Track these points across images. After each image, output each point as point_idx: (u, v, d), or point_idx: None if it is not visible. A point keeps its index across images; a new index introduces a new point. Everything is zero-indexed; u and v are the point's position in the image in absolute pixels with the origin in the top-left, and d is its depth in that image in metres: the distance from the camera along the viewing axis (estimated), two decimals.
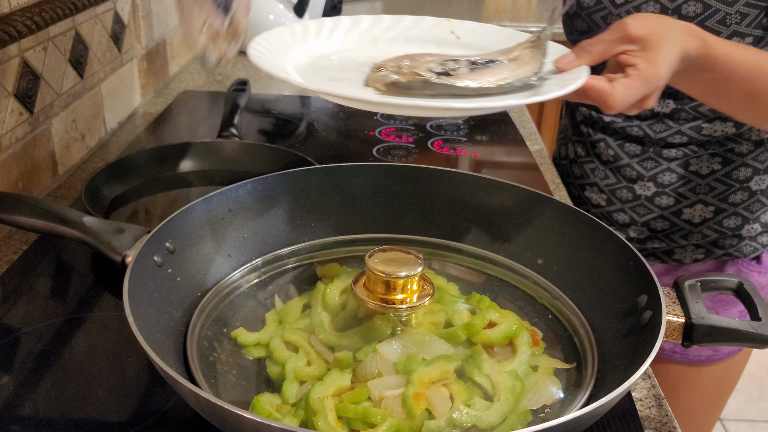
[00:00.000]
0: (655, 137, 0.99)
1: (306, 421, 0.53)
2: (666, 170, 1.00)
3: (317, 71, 0.65)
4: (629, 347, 0.57)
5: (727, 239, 1.03)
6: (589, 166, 1.08)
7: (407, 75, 0.60)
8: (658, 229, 1.04)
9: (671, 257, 1.06)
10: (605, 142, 1.04)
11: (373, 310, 0.60)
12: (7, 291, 0.76)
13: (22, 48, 0.90)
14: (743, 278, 0.60)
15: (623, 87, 0.64)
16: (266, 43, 0.65)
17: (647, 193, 1.02)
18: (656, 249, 1.06)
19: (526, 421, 0.55)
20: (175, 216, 0.64)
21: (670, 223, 1.03)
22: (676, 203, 1.01)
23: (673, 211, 1.02)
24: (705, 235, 1.03)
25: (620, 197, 1.05)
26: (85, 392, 0.62)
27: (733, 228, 1.02)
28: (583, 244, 0.68)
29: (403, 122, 1.32)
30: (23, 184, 0.93)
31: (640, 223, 1.05)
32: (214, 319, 0.64)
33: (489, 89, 0.60)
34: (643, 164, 1.01)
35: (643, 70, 0.65)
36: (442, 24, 0.76)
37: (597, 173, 1.07)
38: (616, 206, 1.05)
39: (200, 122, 1.28)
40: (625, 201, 1.04)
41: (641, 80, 0.65)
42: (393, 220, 0.76)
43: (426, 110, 0.64)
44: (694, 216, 1.01)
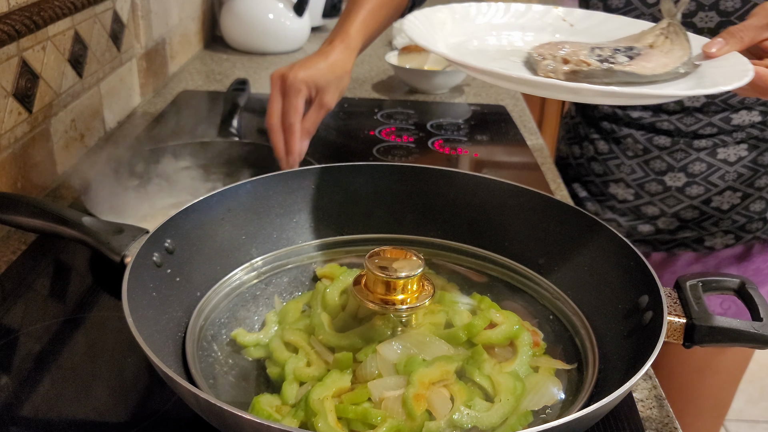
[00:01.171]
0: (686, 130, 1.01)
1: (306, 422, 0.53)
2: (696, 160, 1.02)
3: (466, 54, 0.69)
4: (630, 348, 0.57)
5: (754, 223, 1.05)
6: (613, 162, 1.08)
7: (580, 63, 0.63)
8: (688, 218, 1.06)
9: (702, 245, 1.08)
10: (633, 137, 1.05)
11: (373, 311, 0.60)
12: (7, 291, 0.76)
13: (21, 47, 0.89)
14: (745, 278, 0.60)
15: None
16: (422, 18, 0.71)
17: (678, 183, 1.04)
18: (686, 238, 1.08)
19: (527, 421, 0.54)
20: (174, 216, 0.64)
21: (700, 211, 1.05)
22: (705, 192, 1.03)
23: (703, 200, 1.04)
24: (734, 221, 1.05)
25: (649, 190, 1.06)
26: (85, 392, 0.62)
27: (759, 212, 1.05)
28: (584, 244, 0.67)
29: (403, 122, 1.31)
30: (22, 184, 0.93)
31: (669, 214, 1.06)
32: (213, 320, 0.64)
33: (659, 76, 0.63)
34: (673, 155, 1.03)
35: None
36: (550, 11, 0.79)
37: (623, 168, 1.07)
38: (645, 199, 1.07)
39: (200, 122, 1.28)
40: (655, 194, 1.06)
41: None
42: (393, 220, 0.76)
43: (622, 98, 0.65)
44: (723, 203, 1.04)
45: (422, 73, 1.50)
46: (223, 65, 1.67)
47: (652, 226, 1.08)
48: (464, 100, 1.49)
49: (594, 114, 1.11)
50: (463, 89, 1.55)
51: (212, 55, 1.76)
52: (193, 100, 1.41)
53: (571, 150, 1.18)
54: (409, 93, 1.51)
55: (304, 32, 1.80)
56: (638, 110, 1.04)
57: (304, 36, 1.81)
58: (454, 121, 1.33)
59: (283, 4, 1.73)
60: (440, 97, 1.49)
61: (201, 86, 1.52)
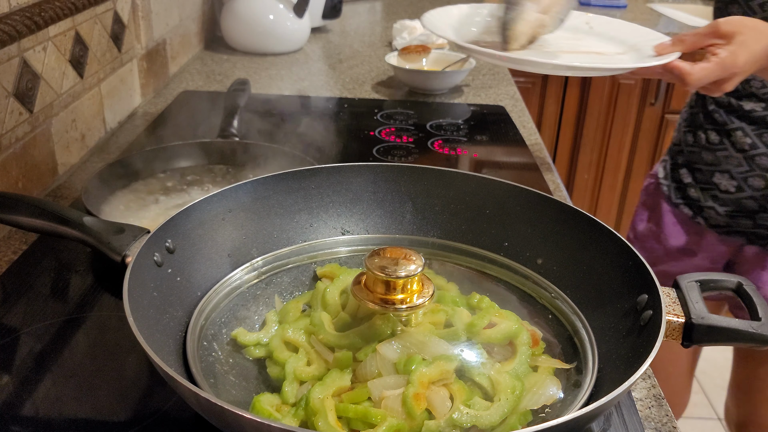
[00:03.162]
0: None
1: (306, 421, 0.53)
2: None
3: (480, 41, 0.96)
4: (629, 347, 0.57)
5: None
6: (722, 153, 1.12)
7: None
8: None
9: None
10: (743, 130, 1.09)
11: (373, 310, 0.60)
12: (7, 291, 0.76)
13: (21, 48, 0.90)
14: (743, 278, 0.60)
15: (701, 69, 0.81)
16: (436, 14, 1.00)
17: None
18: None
19: (526, 421, 0.55)
20: (175, 216, 0.64)
21: None
22: None
23: None
24: None
25: (752, 185, 1.10)
26: (86, 392, 0.62)
27: None
28: (583, 243, 0.68)
29: (403, 122, 1.32)
30: (23, 184, 0.93)
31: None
32: (214, 319, 0.64)
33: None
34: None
35: (722, 58, 0.81)
36: (581, 17, 1.04)
37: (730, 161, 1.11)
38: (747, 193, 1.10)
39: (200, 122, 1.28)
40: (757, 189, 1.09)
41: (718, 66, 0.81)
42: (393, 220, 0.76)
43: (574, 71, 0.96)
44: None
45: (422, 73, 1.50)
46: (223, 66, 1.68)
47: (751, 220, 1.12)
48: (464, 100, 1.49)
49: (709, 104, 1.16)
50: (462, 90, 1.56)
51: (212, 55, 1.76)
52: (194, 101, 1.41)
53: (685, 138, 1.22)
54: (408, 93, 1.52)
55: (304, 33, 1.80)
56: (752, 101, 1.07)
57: (304, 37, 1.81)
58: (453, 122, 1.34)
59: (283, 5, 1.73)
60: (440, 98, 1.49)
61: (201, 86, 1.52)
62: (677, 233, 1.22)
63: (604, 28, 1.01)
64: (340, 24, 2.14)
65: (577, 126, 2.40)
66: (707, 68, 0.81)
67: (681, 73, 0.82)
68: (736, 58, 0.81)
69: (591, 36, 1.01)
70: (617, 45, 0.98)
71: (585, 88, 2.33)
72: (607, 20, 1.02)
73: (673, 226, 1.23)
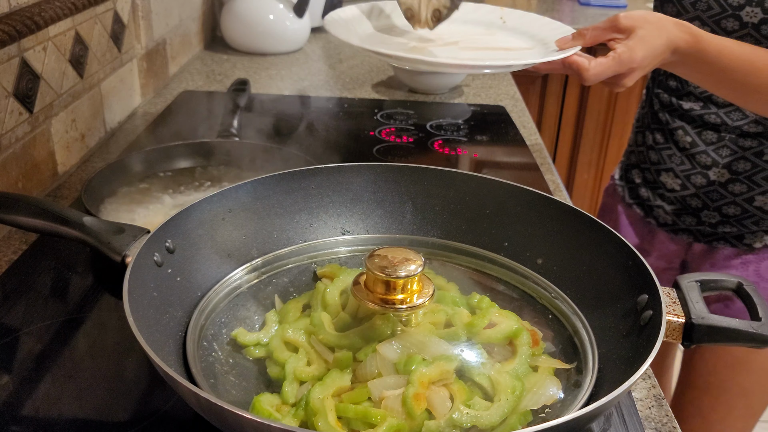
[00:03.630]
0: (732, 125, 1.04)
1: (306, 421, 0.53)
2: (741, 158, 1.05)
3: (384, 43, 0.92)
4: (629, 347, 0.57)
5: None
6: (666, 152, 1.13)
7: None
8: (730, 214, 1.09)
9: (741, 242, 1.10)
10: (684, 129, 1.10)
11: (373, 310, 0.60)
12: (8, 290, 0.76)
13: (21, 48, 0.90)
14: (743, 278, 0.60)
15: (598, 64, 0.81)
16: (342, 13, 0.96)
17: (721, 179, 1.07)
18: (727, 233, 1.11)
19: (527, 421, 0.54)
20: (175, 216, 0.64)
21: (742, 209, 1.08)
22: (748, 190, 1.06)
23: (745, 198, 1.07)
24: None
25: (694, 183, 1.10)
26: (86, 392, 0.62)
27: None
28: (583, 243, 0.68)
29: (403, 122, 1.32)
30: (23, 184, 0.93)
31: (712, 208, 1.10)
32: (214, 319, 0.64)
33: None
34: (719, 152, 1.07)
35: (619, 53, 0.80)
36: (495, 11, 1.01)
37: (674, 159, 1.12)
38: (690, 191, 1.11)
39: (200, 122, 1.28)
40: (699, 186, 1.10)
41: (615, 61, 0.80)
42: (393, 220, 0.76)
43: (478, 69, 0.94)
44: (766, 203, 1.06)
45: (422, 73, 1.50)
46: (223, 66, 1.68)
47: (695, 218, 1.12)
48: (464, 100, 1.49)
49: (655, 105, 1.17)
50: (462, 90, 1.56)
51: (213, 55, 1.76)
52: (194, 101, 1.41)
53: (636, 138, 1.23)
54: (409, 93, 1.52)
55: (304, 33, 1.80)
56: (690, 101, 1.08)
57: (304, 36, 1.81)
58: (453, 122, 1.34)
59: (283, 5, 1.73)
60: (440, 98, 1.49)
61: (201, 86, 1.52)
62: (632, 234, 1.24)
63: (517, 23, 0.99)
64: None
65: (577, 126, 2.40)
66: (604, 63, 0.80)
67: (578, 68, 0.81)
68: (633, 54, 0.80)
69: (504, 31, 0.99)
70: (527, 40, 0.96)
71: (585, 88, 2.33)
72: (520, 14, 1.00)
73: (627, 227, 1.25)
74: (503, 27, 0.99)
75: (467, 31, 0.97)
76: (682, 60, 0.85)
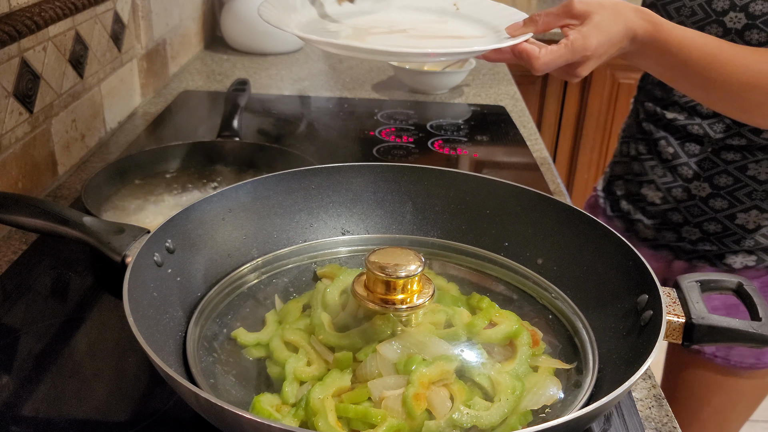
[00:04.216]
0: (715, 137, 1.00)
1: (306, 421, 0.53)
2: (723, 172, 1.00)
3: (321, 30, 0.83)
4: (629, 347, 0.57)
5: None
6: (649, 163, 1.09)
7: None
8: (711, 231, 1.04)
9: (722, 261, 1.05)
10: (666, 140, 1.05)
11: (373, 310, 0.60)
12: (8, 291, 0.76)
13: (21, 48, 0.90)
14: (743, 278, 0.60)
15: (548, 52, 0.75)
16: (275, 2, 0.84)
17: (702, 194, 1.02)
18: (707, 252, 1.05)
19: (527, 421, 0.54)
20: (175, 216, 0.64)
21: (723, 226, 1.02)
22: (730, 207, 1.01)
23: (726, 215, 1.01)
24: (758, 243, 1.01)
25: (675, 196, 1.05)
26: (86, 392, 0.62)
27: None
28: (583, 244, 0.68)
29: (403, 122, 1.32)
30: (23, 184, 0.93)
31: (693, 224, 1.05)
32: (214, 319, 0.64)
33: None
34: (701, 164, 1.01)
35: (571, 41, 0.75)
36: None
37: (656, 171, 1.07)
38: (671, 204, 1.06)
39: (200, 122, 1.28)
40: (680, 200, 1.05)
41: (567, 49, 0.75)
42: (393, 220, 0.76)
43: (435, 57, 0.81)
44: (749, 222, 1.01)
45: (422, 73, 1.50)
46: (223, 66, 1.68)
47: (675, 233, 1.07)
48: (464, 100, 1.49)
49: (640, 114, 1.12)
50: (462, 90, 1.56)
51: (213, 55, 1.76)
52: (194, 101, 1.41)
53: (621, 148, 1.19)
54: (409, 93, 1.52)
55: None
56: (674, 111, 1.04)
57: None
58: (453, 122, 1.34)
59: None
60: (440, 98, 1.49)
61: (201, 86, 1.52)
62: None
63: (471, 10, 0.92)
64: None
65: (577, 126, 2.40)
66: (555, 51, 0.75)
67: (528, 56, 0.76)
68: (586, 41, 0.75)
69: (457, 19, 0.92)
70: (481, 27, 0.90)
71: (585, 88, 2.33)
72: (475, 1, 0.93)
73: None
74: (456, 14, 0.93)
75: (418, 18, 0.91)
76: (641, 50, 0.80)
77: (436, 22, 0.92)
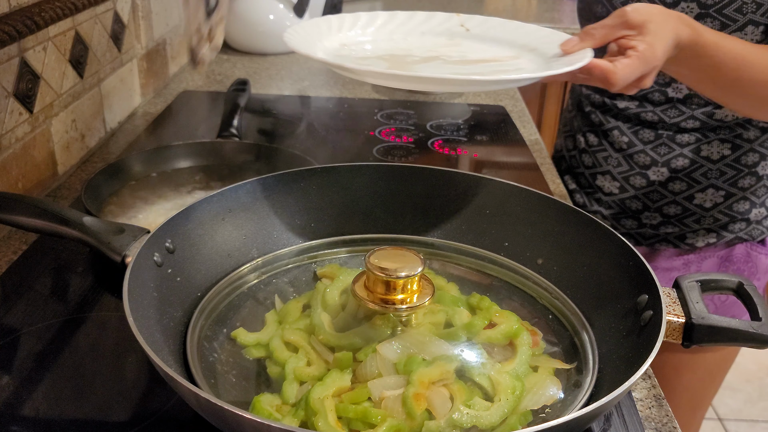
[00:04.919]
0: (669, 122, 1.03)
1: (306, 421, 0.53)
2: (679, 155, 1.04)
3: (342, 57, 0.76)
4: (629, 347, 0.57)
5: (737, 223, 1.06)
6: (601, 154, 1.11)
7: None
8: (671, 214, 1.07)
9: (684, 242, 1.09)
10: (619, 129, 1.07)
11: (373, 310, 0.60)
12: (7, 291, 0.76)
13: (21, 48, 0.90)
14: (743, 278, 0.60)
15: (624, 66, 0.71)
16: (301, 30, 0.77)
17: (660, 178, 1.06)
18: (669, 234, 1.09)
19: (527, 421, 0.54)
20: (175, 216, 0.64)
21: (683, 207, 1.06)
22: (688, 188, 1.05)
23: (685, 196, 1.05)
24: (716, 219, 1.06)
25: (633, 184, 1.08)
26: (86, 392, 0.62)
27: (741, 212, 1.06)
28: (583, 244, 0.68)
29: (403, 122, 1.32)
30: (23, 184, 0.93)
31: (653, 209, 1.08)
32: (214, 319, 0.64)
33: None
34: (657, 150, 1.04)
35: (642, 51, 0.72)
36: (452, 18, 0.87)
37: (610, 161, 1.09)
38: (630, 193, 1.09)
39: (200, 122, 1.28)
40: (639, 188, 1.07)
41: (640, 60, 0.72)
42: (393, 220, 0.76)
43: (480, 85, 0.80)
44: (706, 200, 1.05)
45: None
46: (223, 66, 1.68)
47: (636, 221, 1.10)
48: (464, 100, 1.49)
49: (585, 106, 1.14)
50: None
51: None
52: (194, 101, 1.41)
53: (565, 143, 1.21)
54: (409, 93, 1.51)
55: None
56: (625, 100, 1.06)
57: None
58: (453, 122, 1.34)
59: (283, 5, 1.73)
60: (440, 98, 1.49)
61: (201, 86, 1.52)
62: None
63: (482, 29, 0.86)
64: None
65: None
66: (630, 64, 0.71)
67: (604, 73, 0.71)
68: (655, 51, 0.73)
69: (471, 39, 0.85)
70: (507, 47, 0.83)
71: None
72: (483, 19, 0.87)
73: None
74: (467, 35, 0.86)
75: (431, 42, 0.83)
76: (679, 54, 0.79)
77: (450, 45, 0.85)
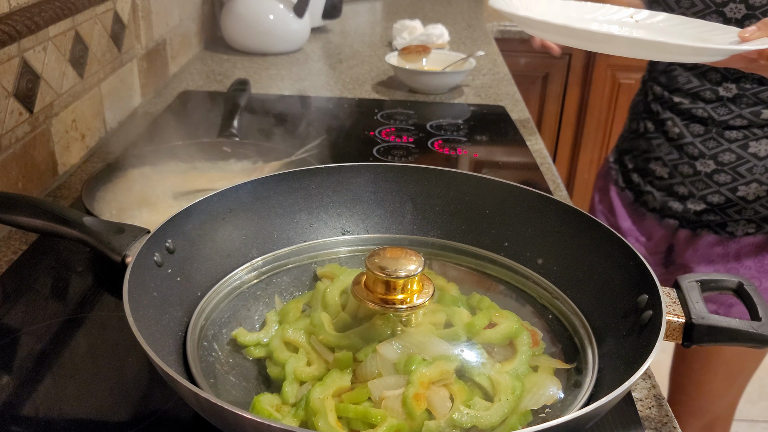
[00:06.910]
0: (718, 119, 1.10)
1: (306, 421, 0.53)
2: (726, 150, 1.11)
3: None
4: (629, 347, 0.57)
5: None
6: (656, 141, 1.20)
7: None
8: (714, 203, 1.15)
9: (724, 230, 1.16)
10: (673, 120, 1.16)
11: (373, 310, 0.60)
12: (7, 291, 0.76)
13: (21, 48, 0.90)
14: (743, 278, 0.60)
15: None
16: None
17: (707, 170, 1.13)
18: (711, 221, 1.17)
19: (527, 421, 0.54)
20: (175, 216, 0.64)
21: (726, 198, 1.13)
22: (733, 181, 1.12)
23: (729, 188, 1.13)
24: (757, 212, 1.13)
25: (681, 171, 1.16)
26: (86, 392, 0.62)
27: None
28: (583, 243, 0.68)
29: (403, 122, 1.32)
30: (23, 184, 0.93)
31: (698, 197, 1.16)
32: (214, 319, 0.64)
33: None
34: (705, 144, 1.13)
35: None
36: (621, 11, 1.06)
37: (662, 148, 1.19)
38: (677, 180, 1.17)
39: (200, 122, 1.28)
40: (686, 176, 1.16)
41: None
42: (393, 220, 0.76)
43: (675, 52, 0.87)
44: (749, 193, 1.12)
45: (422, 73, 1.50)
46: (223, 66, 1.68)
47: (681, 204, 1.18)
48: (464, 100, 1.49)
49: (648, 95, 1.22)
50: (462, 90, 1.56)
51: (213, 55, 1.76)
52: (194, 101, 1.41)
53: (630, 125, 1.29)
54: (409, 93, 1.52)
55: (304, 33, 1.80)
56: (679, 96, 1.14)
57: (304, 36, 1.81)
58: (453, 122, 1.34)
59: (283, 5, 1.73)
60: (440, 98, 1.49)
61: (201, 86, 1.52)
62: (624, 215, 1.31)
63: (650, 21, 1.01)
64: (340, 24, 2.14)
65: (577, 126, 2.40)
66: None
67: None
68: None
69: (643, 29, 1.00)
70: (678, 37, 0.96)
71: (585, 88, 2.33)
72: (650, 13, 1.02)
73: (621, 208, 1.31)
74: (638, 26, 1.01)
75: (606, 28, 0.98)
76: None
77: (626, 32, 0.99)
